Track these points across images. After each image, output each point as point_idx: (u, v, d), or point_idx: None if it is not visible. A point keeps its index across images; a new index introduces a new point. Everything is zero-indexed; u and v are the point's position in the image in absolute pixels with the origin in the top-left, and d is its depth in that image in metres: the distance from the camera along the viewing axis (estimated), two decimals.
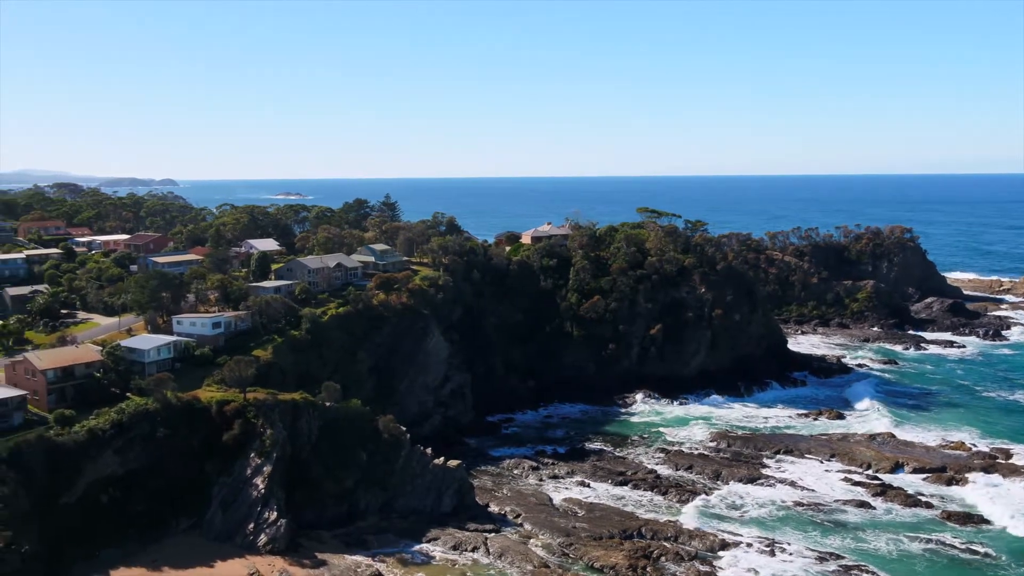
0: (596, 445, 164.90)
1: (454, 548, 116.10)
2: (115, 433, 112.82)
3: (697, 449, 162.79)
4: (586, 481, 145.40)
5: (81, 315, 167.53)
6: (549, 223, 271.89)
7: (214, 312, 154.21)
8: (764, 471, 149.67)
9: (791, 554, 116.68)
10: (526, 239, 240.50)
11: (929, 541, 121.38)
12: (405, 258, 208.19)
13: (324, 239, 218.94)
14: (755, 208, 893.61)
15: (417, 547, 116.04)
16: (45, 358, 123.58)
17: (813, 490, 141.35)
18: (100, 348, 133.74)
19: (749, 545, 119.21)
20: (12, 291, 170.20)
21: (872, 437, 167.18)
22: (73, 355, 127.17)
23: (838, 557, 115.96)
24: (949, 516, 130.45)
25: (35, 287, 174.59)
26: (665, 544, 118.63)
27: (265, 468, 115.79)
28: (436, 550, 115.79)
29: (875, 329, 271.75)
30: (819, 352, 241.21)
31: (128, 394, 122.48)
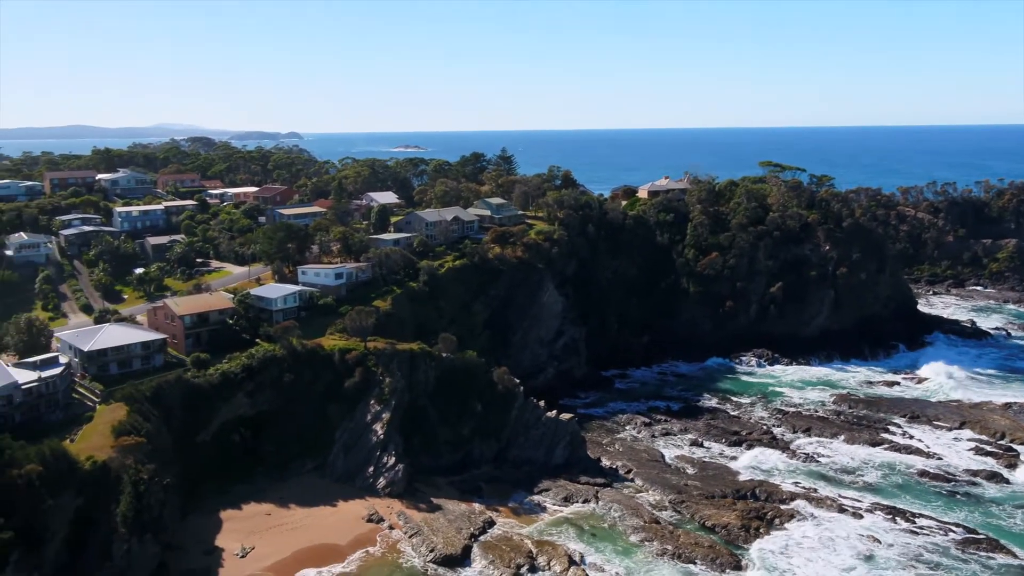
0: (710, 403, 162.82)
1: (565, 500, 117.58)
2: (246, 377, 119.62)
3: (817, 411, 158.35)
4: (699, 439, 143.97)
5: (214, 264, 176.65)
6: (667, 177, 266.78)
7: (337, 263, 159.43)
8: (887, 436, 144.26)
9: (913, 523, 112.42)
10: (642, 193, 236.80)
11: None
12: (520, 212, 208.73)
13: (441, 192, 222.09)
14: (871, 161, 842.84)
15: (529, 497, 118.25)
16: (182, 304, 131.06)
17: (940, 458, 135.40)
18: (232, 296, 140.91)
19: (868, 512, 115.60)
20: (152, 240, 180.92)
21: (1007, 406, 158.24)
22: (207, 302, 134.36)
23: (966, 530, 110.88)
24: None
25: (173, 237, 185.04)
26: (780, 506, 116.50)
27: (384, 415, 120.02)
28: (548, 501, 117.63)
29: (1016, 292, 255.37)
30: (952, 315, 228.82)
31: (257, 340, 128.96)
